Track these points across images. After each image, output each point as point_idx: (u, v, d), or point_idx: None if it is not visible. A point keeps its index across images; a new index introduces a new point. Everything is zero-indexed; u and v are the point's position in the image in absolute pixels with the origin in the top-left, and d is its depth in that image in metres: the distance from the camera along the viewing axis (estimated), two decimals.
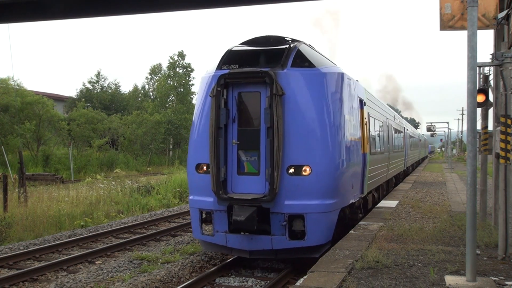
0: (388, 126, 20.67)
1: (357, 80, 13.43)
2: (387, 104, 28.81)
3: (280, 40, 11.04)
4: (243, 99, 10.54)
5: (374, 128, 16.07)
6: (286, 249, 10.26)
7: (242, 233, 10.24)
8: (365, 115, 13.87)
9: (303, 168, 10.00)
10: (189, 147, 11.27)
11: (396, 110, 55.83)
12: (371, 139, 14.78)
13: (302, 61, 10.65)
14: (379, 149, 17.14)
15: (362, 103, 13.47)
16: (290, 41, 11.02)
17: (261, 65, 10.48)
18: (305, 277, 7.67)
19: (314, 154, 10.04)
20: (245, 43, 11.42)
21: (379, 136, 17.39)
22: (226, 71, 10.44)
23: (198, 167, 10.78)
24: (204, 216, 10.82)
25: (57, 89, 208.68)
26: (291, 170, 10.01)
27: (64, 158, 41.05)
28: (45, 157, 41.18)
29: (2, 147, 35.92)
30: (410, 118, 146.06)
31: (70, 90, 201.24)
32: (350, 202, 11.68)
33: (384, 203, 17.36)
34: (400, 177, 28.72)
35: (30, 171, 35.18)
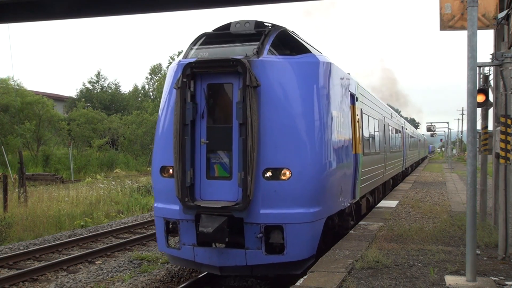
0: (384, 125, 19.40)
1: (348, 73, 12.23)
2: (388, 105, 28.12)
3: (259, 25, 9.72)
4: (213, 91, 9.21)
5: (368, 127, 14.72)
6: (263, 265, 8.96)
7: (215, 245, 9.12)
8: (358, 112, 12.59)
9: (282, 172, 8.74)
10: (153, 147, 9.98)
11: (396, 110, 55.66)
12: (364, 138, 13.49)
13: (281, 48, 9.55)
14: (374, 149, 15.73)
15: (353, 99, 12.16)
16: (269, 27, 9.75)
17: (235, 53, 9.16)
18: (305, 277, 7.67)
19: (294, 155, 8.79)
20: (219, 28, 10.15)
21: (374, 135, 16.02)
22: (194, 60, 9.10)
23: (163, 170, 9.46)
24: (170, 226, 9.48)
25: (57, 89, 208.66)
26: (268, 174, 8.74)
27: (64, 158, 41.06)
28: (45, 157, 41.21)
29: (2, 147, 35.92)
30: (410, 118, 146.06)
31: (70, 90, 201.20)
32: (339, 209, 10.38)
33: (384, 203, 17.35)
34: (398, 179, 27.73)
35: (30, 171, 35.19)
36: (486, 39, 19.86)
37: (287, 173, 8.73)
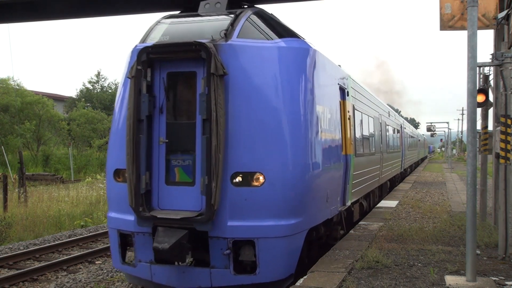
0: (381, 123, 18.05)
1: (339, 65, 11.05)
2: (388, 104, 27.66)
3: (232, 5, 8.56)
4: (174, 81, 7.96)
5: (362, 125, 13.37)
6: (231, 287, 7.70)
7: (178, 262, 7.74)
8: (349, 108, 11.20)
9: (254, 177, 7.49)
10: (108, 147, 8.73)
11: (396, 110, 55.58)
12: (357, 137, 12.19)
13: (256, 31, 8.21)
14: (368, 150, 14.35)
15: (344, 93, 10.86)
16: (245, 7, 8.69)
17: (203, 37, 7.82)
18: (305, 277, 7.67)
19: (269, 157, 7.56)
20: (187, 9, 9.06)
21: (368, 134, 14.66)
22: (151, 44, 7.85)
23: (117, 174, 8.18)
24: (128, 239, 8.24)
25: (57, 89, 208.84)
26: (238, 179, 7.51)
27: (64, 158, 41.07)
28: (45, 157, 41.24)
29: (2, 147, 35.92)
30: (410, 118, 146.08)
31: (70, 90, 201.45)
32: (325, 218, 9.08)
33: (384, 203, 17.36)
34: (396, 180, 26.78)
35: (30, 171, 35.21)
36: (486, 39, 19.87)
37: (261, 178, 7.49)
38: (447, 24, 9.91)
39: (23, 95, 43.59)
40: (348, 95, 11.19)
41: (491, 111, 12.63)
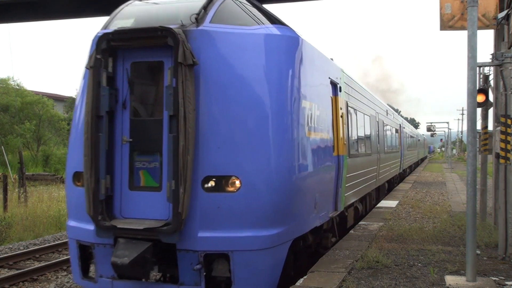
0: (378, 122, 17.20)
1: (331, 59, 10.31)
2: (388, 104, 27.14)
3: None
4: (138, 73, 7.08)
5: (357, 123, 12.50)
6: None
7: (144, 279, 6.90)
8: (341, 105, 10.29)
9: (230, 181, 6.62)
10: (68, 147, 7.87)
11: (396, 110, 55.52)
12: (350, 137, 11.27)
13: (232, 15, 7.26)
14: (363, 150, 13.45)
15: (336, 88, 9.93)
16: None
17: (173, 21, 6.92)
18: (305, 277, 7.66)
19: (247, 158, 6.69)
20: None
21: (364, 133, 13.73)
22: (111, 30, 6.94)
23: (76, 177, 7.26)
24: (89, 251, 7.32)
25: (57, 89, 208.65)
26: (210, 184, 6.62)
27: (64, 158, 41.00)
28: (45, 157, 41.27)
29: (2, 147, 35.89)
30: (410, 118, 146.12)
31: (70, 90, 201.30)
32: (313, 226, 8.23)
33: (384, 203, 17.37)
34: (395, 181, 26.06)
35: (30, 171, 35.22)
36: (486, 39, 19.87)
37: (237, 182, 6.61)
38: (447, 24, 9.91)
39: (23, 95, 43.61)
40: (340, 91, 10.29)
41: (491, 111, 12.63)
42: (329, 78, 9.43)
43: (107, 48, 6.74)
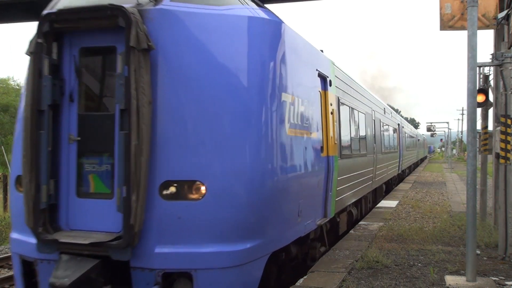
0: (374, 120, 16.20)
1: (321, 50, 9.45)
2: (388, 105, 26.59)
3: None
4: (89, 60, 6.12)
5: (350, 121, 11.57)
6: None
7: None
8: (332, 101, 9.32)
9: (193, 186, 5.68)
10: (12, 147, 6.97)
11: (396, 111, 55.44)
12: (342, 136, 10.30)
13: None
14: (357, 151, 12.40)
15: (326, 82, 9.01)
16: None
17: (128, 1, 5.86)
18: (305, 277, 7.66)
19: (215, 160, 5.75)
20: None
21: (358, 132, 12.77)
22: (55, 10, 5.91)
23: (19, 181, 6.24)
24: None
25: None
26: (170, 190, 5.67)
27: None
28: None
29: (2, 147, 35.91)
30: (410, 118, 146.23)
31: None
32: (297, 236, 7.33)
33: (384, 203, 17.38)
34: (393, 183, 25.20)
35: None
36: (486, 39, 19.87)
37: (202, 188, 5.66)
38: (447, 24, 9.92)
39: None
40: (331, 85, 9.32)
41: (491, 111, 12.63)
42: (317, 70, 8.51)
43: (50, 31, 5.75)
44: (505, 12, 10.07)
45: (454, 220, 13.35)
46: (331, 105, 9.21)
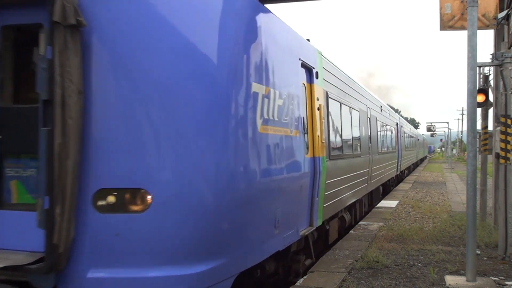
0: (370, 119, 15.14)
1: (308, 40, 8.41)
2: (388, 105, 25.91)
3: None
4: (12, 41, 5.09)
5: (341, 119, 10.47)
6: None
7: None
8: (318, 95, 8.25)
9: (137, 196, 4.69)
10: None
11: (396, 111, 55.26)
12: (331, 135, 9.32)
13: None
14: (350, 151, 11.32)
15: (311, 74, 7.98)
16: None
17: None
18: (305, 277, 7.66)
19: (162, 164, 4.75)
20: None
21: (351, 131, 11.70)
22: None
23: None
24: None
25: None
26: (106, 201, 4.68)
27: None
28: None
29: None
30: (410, 118, 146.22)
31: None
32: (274, 250, 6.31)
33: (384, 203, 17.39)
34: (392, 184, 24.24)
35: None
36: (486, 39, 19.87)
37: (147, 198, 4.64)
38: (447, 24, 9.91)
39: None
40: (317, 78, 8.28)
41: (491, 111, 12.64)
42: (300, 60, 7.36)
43: None
44: (505, 12, 10.08)
45: (454, 220, 13.35)
46: (317, 100, 8.17)
